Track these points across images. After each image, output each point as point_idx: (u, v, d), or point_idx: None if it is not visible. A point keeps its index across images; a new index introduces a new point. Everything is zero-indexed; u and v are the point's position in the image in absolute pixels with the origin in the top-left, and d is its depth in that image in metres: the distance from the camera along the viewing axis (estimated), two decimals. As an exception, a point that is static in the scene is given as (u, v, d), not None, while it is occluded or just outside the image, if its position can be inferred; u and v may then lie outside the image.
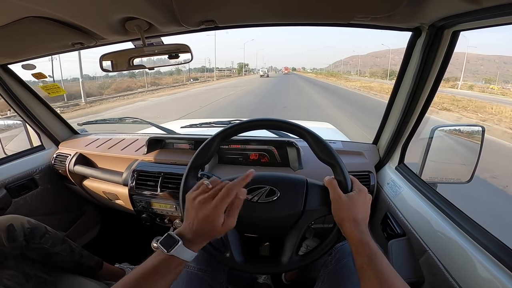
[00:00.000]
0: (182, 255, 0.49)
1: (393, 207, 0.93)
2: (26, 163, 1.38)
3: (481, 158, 0.93)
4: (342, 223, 0.59)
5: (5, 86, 1.24)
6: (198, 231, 0.51)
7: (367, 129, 5.54)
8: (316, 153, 0.65)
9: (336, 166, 0.64)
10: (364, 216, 0.60)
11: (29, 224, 0.95)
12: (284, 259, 0.66)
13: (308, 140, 0.66)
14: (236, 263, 0.65)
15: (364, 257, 0.52)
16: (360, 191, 0.62)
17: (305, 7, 0.73)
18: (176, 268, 0.49)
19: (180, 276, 0.71)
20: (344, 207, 0.59)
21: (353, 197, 0.60)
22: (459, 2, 0.57)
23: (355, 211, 0.58)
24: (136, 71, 22.40)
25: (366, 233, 0.56)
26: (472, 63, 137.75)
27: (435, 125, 1.01)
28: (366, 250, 0.53)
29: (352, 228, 0.57)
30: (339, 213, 0.60)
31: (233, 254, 0.66)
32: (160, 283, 0.48)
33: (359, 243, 0.54)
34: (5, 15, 0.67)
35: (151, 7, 0.67)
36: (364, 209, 0.60)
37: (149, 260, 0.49)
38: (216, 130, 0.70)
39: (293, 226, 0.66)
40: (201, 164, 0.69)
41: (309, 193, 0.65)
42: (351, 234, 0.56)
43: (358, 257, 0.54)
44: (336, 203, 0.60)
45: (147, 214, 1.21)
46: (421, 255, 0.75)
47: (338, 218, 0.60)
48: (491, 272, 0.55)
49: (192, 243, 0.51)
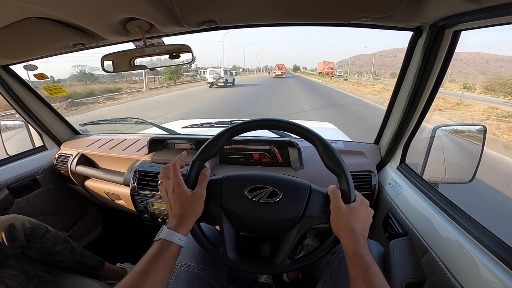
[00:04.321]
0: (170, 237, 0.56)
1: (395, 207, 0.93)
2: (28, 164, 1.39)
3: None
4: (339, 233, 0.59)
5: (7, 86, 1.25)
6: (177, 212, 0.60)
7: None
8: (324, 160, 0.65)
9: (342, 176, 0.63)
10: (363, 228, 0.59)
11: (30, 224, 0.95)
12: (276, 261, 0.66)
13: (317, 145, 0.65)
14: (228, 259, 0.66)
15: (358, 269, 0.53)
16: (361, 203, 0.62)
17: (305, 7, 0.73)
18: (166, 251, 0.55)
19: (181, 276, 0.72)
20: (342, 218, 0.59)
21: (353, 208, 0.60)
22: (460, 1, 0.57)
23: (353, 222, 0.58)
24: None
25: (363, 245, 0.56)
26: (492, 64, 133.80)
27: (437, 125, 1.01)
28: (360, 262, 0.53)
29: (349, 239, 0.57)
30: (337, 223, 0.60)
31: (226, 249, 0.66)
32: (160, 270, 0.54)
33: (354, 254, 0.55)
34: (7, 16, 0.67)
35: (152, 8, 0.67)
36: (363, 221, 0.60)
37: (145, 255, 0.56)
38: (217, 130, 0.70)
39: (290, 229, 0.66)
40: (207, 158, 0.69)
41: (311, 199, 0.65)
42: (347, 245, 0.57)
43: (352, 268, 0.54)
44: (335, 213, 0.61)
45: (148, 214, 1.21)
46: (422, 255, 0.75)
47: (336, 228, 0.60)
48: (493, 272, 0.55)
49: (179, 226, 0.59)
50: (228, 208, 0.67)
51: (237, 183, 0.68)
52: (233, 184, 0.68)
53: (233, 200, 0.67)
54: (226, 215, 0.67)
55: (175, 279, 0.71)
